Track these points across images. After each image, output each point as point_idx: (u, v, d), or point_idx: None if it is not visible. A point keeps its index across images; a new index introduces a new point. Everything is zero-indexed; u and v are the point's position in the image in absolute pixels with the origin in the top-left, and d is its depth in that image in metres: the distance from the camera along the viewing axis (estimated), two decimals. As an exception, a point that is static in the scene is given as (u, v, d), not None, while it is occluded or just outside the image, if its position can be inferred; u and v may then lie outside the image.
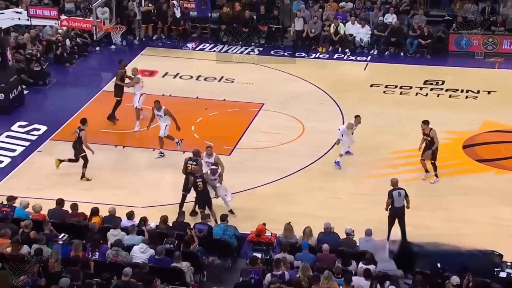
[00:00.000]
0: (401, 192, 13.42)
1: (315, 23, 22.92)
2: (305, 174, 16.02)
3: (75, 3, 23.27)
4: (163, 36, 23.47)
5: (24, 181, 15.49)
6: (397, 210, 13.38)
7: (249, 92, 19.87)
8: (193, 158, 14.35)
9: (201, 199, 13.83)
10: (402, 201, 13.41)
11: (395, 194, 13.40)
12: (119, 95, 17.90)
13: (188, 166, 14.25)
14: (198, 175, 13.79)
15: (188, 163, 14.26)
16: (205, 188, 13.78)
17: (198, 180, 13.76)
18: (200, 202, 13.84)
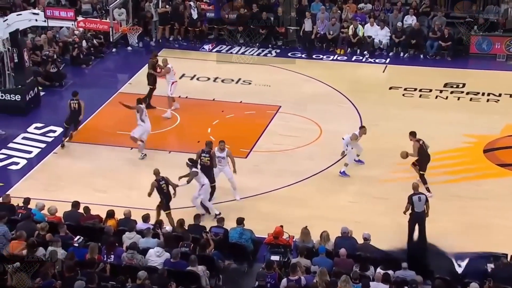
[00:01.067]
0: (421, 197, 13.33)
1: (333, 24, 22.87)
2: (323, 177, 15.96)
3: (92, 4, 23.40)
4: (180, 37, 23.53)
5: (40, 183, 15.59)
6: (418, 215, 13.28)
7: (266, 94, 19.85)
8: (206, 150, 14.53)
9: (167, 200, 13.83)
10: (423, 206, 13.30)
11: (415, 199, 13.31)
12: (152, 83, 18.56)
13: (202, 158, 14.44)
14: (161, 178, 13.78)
15: (202, 155, 14.45)
16: (168, 190, 13.81)
17: (162, 183, 13.76)
18: (166, 203, 13.81)
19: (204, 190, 14.26)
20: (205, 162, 14.49)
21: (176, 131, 18.03)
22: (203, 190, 14.23)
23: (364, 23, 22.95)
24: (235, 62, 21.42)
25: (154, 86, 18.64)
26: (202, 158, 14.49)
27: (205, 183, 14.22)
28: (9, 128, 17.77)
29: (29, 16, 18.06)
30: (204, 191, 14.25)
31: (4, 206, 13.24)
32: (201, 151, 14.57)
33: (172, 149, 17.12)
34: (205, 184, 14.21)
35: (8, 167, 16.33)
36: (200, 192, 14.26)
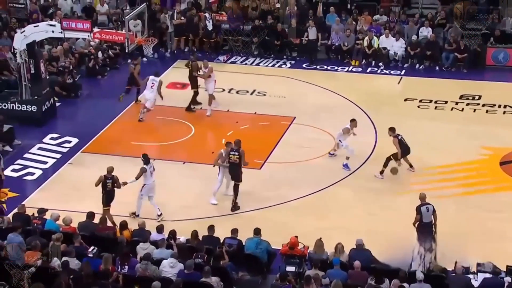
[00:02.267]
0: (429, 207, 13.24)
1: (348, 36, 22.90)
2: (338, 189, 15.94)
3: (107, 16, 23.63)
4: (195, 48, 23.67)
5: (55, 193, 15.69)
6: (426, 225, 13.19)
7: (281, 105, 19.89)
8: (235, 148, 14.84)
9: (108, 197, 14.20)
10: (431, 216, 13.22)
11: (423, 209, 13.23)
12: (195, 86, 19.10)
13: (231, 156, 14.79)
14: (109, 176, 14.19)
15: (231, 154, 14.79)
16: (113, 189, 14.15)
17: (108, 181, 14.17)
18: (107, 201, 14.21)
19: (146, 190, 14.47)
20: (234, 160, 14.88)
21: (191, 142, 18.10)
22: (144, 189, 14.49)
23: (379, 35, 22.97)
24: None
25: (197, 89, 19.18)
26: (231, 156, 14.86)
27: (147, 183, 14.49)
28: (25, 138, 17.91)
29: (46, 27, 18.22)
30: (145, 190, 14.47)
31: (20, 217, 13.34)
32: (230, 149, 14.90)
33: (187, 160, 17.18)
34: (147, 184, 14.50)
35: (23, 178, 16.45)
36: (142, 192, 14.49)
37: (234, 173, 14.93)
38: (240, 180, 14.98)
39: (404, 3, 24.37)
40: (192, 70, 19.27)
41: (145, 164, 14.62)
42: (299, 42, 23.08)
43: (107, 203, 14.29)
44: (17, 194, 15.60)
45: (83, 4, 23.81)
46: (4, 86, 19.64)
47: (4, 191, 15.55)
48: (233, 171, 14.92)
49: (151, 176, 14.64)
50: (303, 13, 23.65)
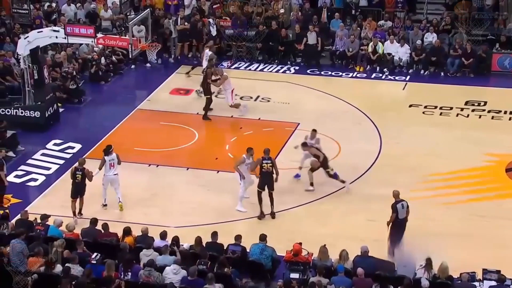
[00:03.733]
0: (404, 203, 13.59)
1: (352, 41, 22.95)
2: (341, 196, 15.95)
3: (111, 21, 23.71)
4: (199, 54, 23.72)
5: (58, 199, 15.72)
6: (401, 222, 13.51)
7: (284, 111, 19.93)
8: (266, 157, 14.95)
9: (76, 190, 14.78)
10: (405, 212, 13.55)
11: (399, 206, 13.56)
12: (208, 93, 19.10)
13: (264, 165, 14.87)
14: (80, 168, 14.77)
15: (264, 163, 14.88)
16: (83, 181, 14.72)
17: (78, 172, 14.75)
18: (74, 192, 14.76)
19: (105, 180, 15.13)
20: (267, 168, 14.92)
21: (194, 148, 18.14)
22: (104, 179, 15.14)
23: (384, 40, 23.01)
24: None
25: (211, 96, 19.19)
26: (264, 165, 14.89)
27: (106, 174, 15.06)
28: (28, 144, 17.98)
29: (50, 33, 18.30)
30: (105, 180, 15.13)
31: (23, 223, 13.37)
32: (261, 159, 14.94)
33: (190, 166, 17.23)
34: (106, 175, 15.07)
35: (26, 184, 16.50)
36: (103, 182, 15.15)
37: (270, 182, 14.94)
38: (273, 188, 15.02)
39: (409, 8, 24.43)
40: (206, 77, 19.16)
41: (105, 156, 15.07)
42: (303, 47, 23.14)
43: (75, 195, 14.77)
44: (20, 200, 15.66)
45: (86, 9, 23.90)
46: (7, 91, 19.72)
47: (7, 197, 15.60)
48: (268, 179, 14.92)
49: (110, 169, 15.09)
50: (308, 19, 23.71)
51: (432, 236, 14.01)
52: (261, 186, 15.01)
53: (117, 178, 15.25)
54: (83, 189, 14.94)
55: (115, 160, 15.21)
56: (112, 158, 15.18)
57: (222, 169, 16.96)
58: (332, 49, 23.45)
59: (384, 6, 24.36)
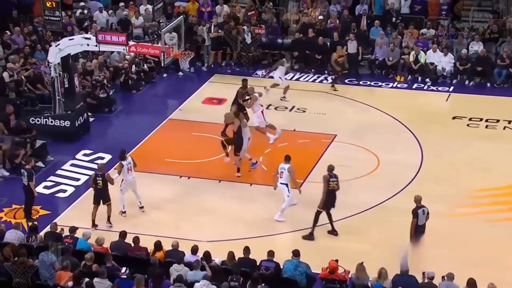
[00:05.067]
0: (424, 210, 13.76)
1: (392, 50, 22.88)
2: (380, 211, 15.87)
3: (143, 29, 24.03)
4: (232, 63, 23.90)
5: (87, 211, 15.89)
6: (420, 227, 13.65)
7: (321, 122, 19.93)
8: (332, 175, 14.90)
9: (98, 196, 15.19)
10: (425, 219, 13.72)
11: (420, 212, 13.70)
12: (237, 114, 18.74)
13: (331, 183, 14.77)
14: (100, 174, 15.18)
15: (331, 181, 14.80)
16: (105, 187, 15.10)
17: (98, 179, 15.13)
18: (97, 199, 15.20)
19: (124, 185, 15.52)
20: (333, 186, 14.85)
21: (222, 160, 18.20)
22: (123, 184, 15.53)
23: (426, 49, 22.87)
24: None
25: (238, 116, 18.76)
26: (330, 184, 14.80)
27: (125, 179, 15.42)
28: (57, 154, 18.27)
29: (81, 40, 18.58)
30: (123, 185, 15.52)
31: (52, 235, 13.59)
32: (328, 176, 14.83)
33: (223, 179, 17.32)
34: (125, 179, 15.46)
35: (55, 195, 16.76)
36: (121, 187, 15.52)
37: (334, 202, 14.81)
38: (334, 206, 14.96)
39: (454, 16, 24.26)
40: (237, 96, 19.07)
41: (122, 161, 15.42)
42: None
43: (97, 201, 15.18)
44: (48, 212, 15.92)
45: (118, 16, 24.26)
46: (38, 100, 20.10)
47: (36, 208, 15.86)
48: (334, 199, 14.79)
49: (129, 173, 15.44)
50: (346, 27, 23.72)
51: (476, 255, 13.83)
52: (325, 206, 14.82)
53: (135, 180, 15.64)
54: (105, 195, 15.26)
55: (131, 163, 15.61)
56: (129, 162, 15.57)
57: (255, 182, 17.01)
58: (371, 58, 23.41)
59: (427, 14, 24.23)
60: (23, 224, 15.07)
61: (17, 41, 21.98)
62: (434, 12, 24.16)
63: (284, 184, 15.37)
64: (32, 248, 12.99)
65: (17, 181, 16.16)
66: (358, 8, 24.59)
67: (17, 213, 15.81)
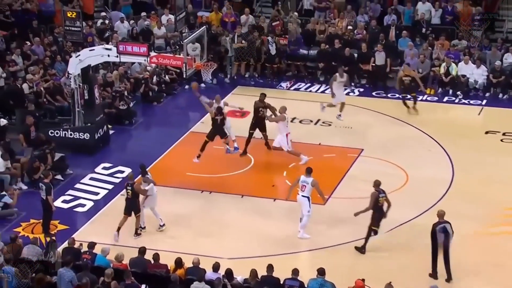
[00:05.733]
0: (446, 226, 13.69)
1: (422, 62, 22.82)
2: (409, 229, 15.78)
3: (165, 39, 24.25)
4: (256, 74, 24.01)
5: (106, 227, 16.05)
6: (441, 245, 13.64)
7: (347, 136, 19.92)
8: (381, 190, 14.89)
9: (127, 206, 15.54)
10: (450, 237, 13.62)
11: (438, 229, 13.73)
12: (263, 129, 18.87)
13: (380, 199, 14.79)
14: (130, 183, 15.52)
15: (380, 197, 14.79)
16: (134, 197, 15.40)
17: (128, 188, 15.46)
18: (126, 209, 15.52)
19: (148, 201, 15.67)
20: (383, 202, 14.85)
21: (250, 174, 18.29)
22: (147, 201, 15.64)
23: (458, 61, 22.78)
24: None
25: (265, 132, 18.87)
26: (380, 200, 14.80)
27: (150, 194, 15.59)
28: (77, 167, 18.44)
29: (102, 51, 18.79)
30: (147, 202, 15.67)
31: (70, 250, 13.69)
32: (377, 193, 14.78)
33: (245, 193, 17.37)
34: (150, 195, 15.60)
35: (74, 209, 16.90)
36: (145, 204, 15.64)
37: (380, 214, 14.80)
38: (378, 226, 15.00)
39: (487, 27, 24.13)
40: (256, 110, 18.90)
41: (142, 176, 15.70)
42: (368, 68, 23.12)
43: (126, 211, 15.48)
44: (67, 227, 16.06)
45: (140, 26, 24.52)
46: (57, 112, 20.35)
47: (54, 223, 16.02)
48: (379, 212, 14.78)
49: (153, 188, 15.61)
50: (374, 37, 23.72)
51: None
52: (378, 223, 14.80)
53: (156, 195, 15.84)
54: (135, 206, 15.45)
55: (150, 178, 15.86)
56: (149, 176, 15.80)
57: (279, 197, 17.04)
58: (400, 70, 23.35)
59: (458, 24, 24.17)
60: (41, 239, 15.18)
61: (37, 52, 22.29)
62: (466, 23, 24.06)
63: (305, 197, 15.35)
64: (50, 264, 13.11)
65: (35, 195, 16.37)
66: (386, 19, 24.59)
67: (35, 228, 15.97)
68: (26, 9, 24.21)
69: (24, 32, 23.30)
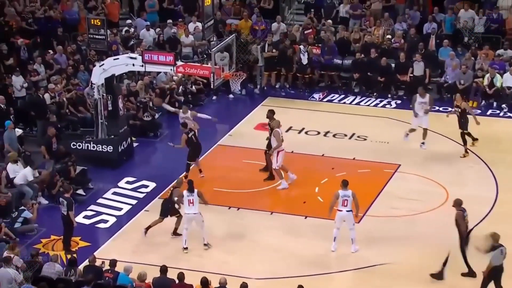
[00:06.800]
0: (503, 249, 13.53)
1: (464, 72, 22.67)
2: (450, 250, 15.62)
3: (192, 48, 24.42)
4: (287, 85, 24.05)
5: (129, 244, 16.18)
6: (496, 269, 13.44)
7: (383, 151, 19.84)
8: (464, 209, 14.88)
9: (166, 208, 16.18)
10: (503, 258, 13.47)
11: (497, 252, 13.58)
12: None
13: (466, 218, 14.78)
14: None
15: (465, 216, 14.78)
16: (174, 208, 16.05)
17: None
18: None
19: (185, 220, 15.80)
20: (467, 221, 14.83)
21: (279, 190, 18.26)
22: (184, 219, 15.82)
23: (503, 72, 22.59)
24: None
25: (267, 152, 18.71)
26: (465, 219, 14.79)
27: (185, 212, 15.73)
28: (99, 182, 18.62)
29: (126, 60, 18.97)
30: (185, 220, 15.81)
31: (91, 269, 13.81)
32: (462, 212, 14.76)
33: (275, 210, 17.37)
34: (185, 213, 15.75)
35: (96, 225, 17.06)
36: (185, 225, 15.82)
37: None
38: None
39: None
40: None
41: (190, 192, 15.74)
42: (406, 79, 23.04)
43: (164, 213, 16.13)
44: (88, 244, 16.20)
45: (166, 35, 24.74)
46: (79, 123, 20.59)
47: (75, 239, 16.16)
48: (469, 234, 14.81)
49: (189, 206, 15.65)
50: (412, 47, 23.64)
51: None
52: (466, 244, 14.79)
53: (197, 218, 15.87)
54: (175, 209, 16.02)
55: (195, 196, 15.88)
56: (191, 195, 15.80)
57: (311, 215, 17.01)
58: (440, 81, 23.23)
59: (504, 33, 23.96)
60: (62, 256, 15.37)
61: (59, 61, 22.57)
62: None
63: (351, 211, 15.45)
64: (71, 282, 13.23)
65: (56, 210, 16.54)
66: (426, 27, 24.49)
67: (55, 245, 16.14)
68: (50, 16, 24.55)
69: (47, 41, 23.63)
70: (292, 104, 22.96)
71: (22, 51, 22.79)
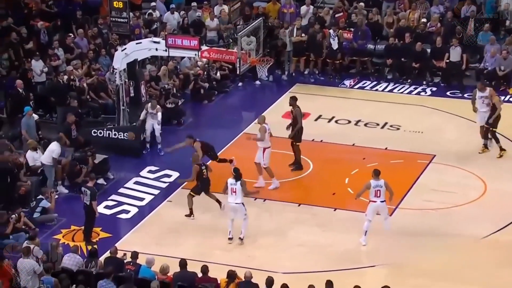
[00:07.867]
0: None
1: (505, 58, 22.48)
2: (486, 246, 15.60)
3: (218, 32, 24.47)
4: (317, 71, 24.03)
5: (152, 235, 16.33)
6: None
7: (417, 141, 19.79)
8: None
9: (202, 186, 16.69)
10: None
11: None
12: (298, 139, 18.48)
13: None
14: (203, 163, 16.80)
15: None
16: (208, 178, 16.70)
17: (203, 168, 16.64)
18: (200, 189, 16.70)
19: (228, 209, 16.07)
20: None
21: (308, 181, 18.33)
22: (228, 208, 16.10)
23: (547, 59, 22.38)
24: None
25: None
26: None
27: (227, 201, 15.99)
28: (121, 171, 18.78)
29: (149, 44, 19.08)
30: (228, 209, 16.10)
31: (112, 261, 13.95)
32: None
33: (303, 202, 17.43)
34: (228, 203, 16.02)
35: (117, 216, 17.21)
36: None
37: None
38: None
39: None
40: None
41: (237, 180, 15.90)
42: (442, 65, 22.91)
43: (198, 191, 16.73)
44: (110, 235, 16.37)
45: (191, 18, 24.79)
46: (101, 110, 20.73)
47: (96, 230, 16.34)
48: None
49: (232, 194, 15.81)
50: (450, 31, 23.48)
51: None
52: None
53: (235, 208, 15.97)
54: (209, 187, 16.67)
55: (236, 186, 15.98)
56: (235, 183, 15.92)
57: (340, 207, 17.05)
58: (479, 67, 23.06)
59: (549, 16, 23.74)
60: (82, 247, 15.58)
61: (80, 45, 22.70)
62: (558, 14, 23.64)
63: (384, 201, 15.51)
64: (91, 274, 13.42)
65: (76, 199, 16.76)
66: (464, 10, 24.28)
67: (76, 235, 16.34)
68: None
69: (67, 24, 23.78)
70: (322, 91, 22.95)
71: (42, 34, 22.93)
